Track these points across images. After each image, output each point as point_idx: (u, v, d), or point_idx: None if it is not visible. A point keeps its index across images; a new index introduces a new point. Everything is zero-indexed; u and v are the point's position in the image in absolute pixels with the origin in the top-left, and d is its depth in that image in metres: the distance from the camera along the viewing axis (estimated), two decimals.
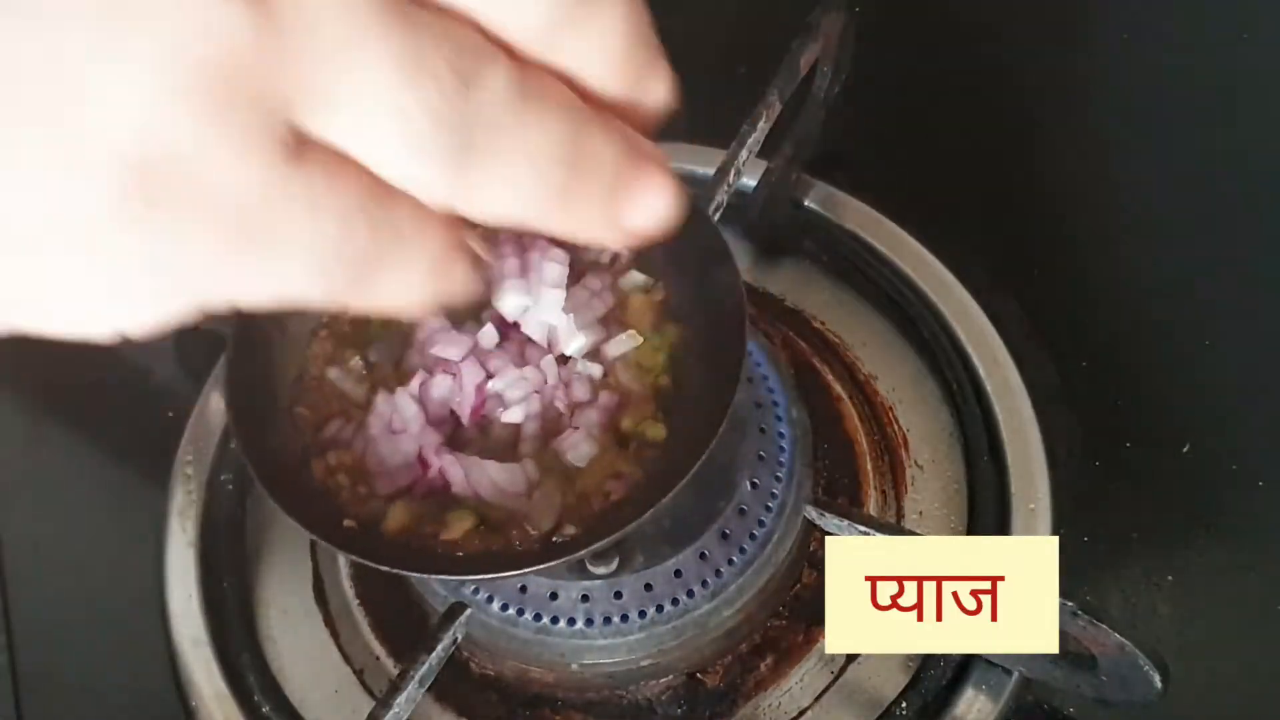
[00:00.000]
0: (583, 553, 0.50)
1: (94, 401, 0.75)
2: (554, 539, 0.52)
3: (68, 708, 0.64)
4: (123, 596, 0.66)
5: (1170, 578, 0.63)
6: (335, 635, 0.65)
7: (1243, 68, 0.84)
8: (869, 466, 0.67)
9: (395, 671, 0.59)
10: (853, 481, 0.67)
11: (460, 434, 0.55)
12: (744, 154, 0.66)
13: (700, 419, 0.53)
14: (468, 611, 0.57)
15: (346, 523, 0.53)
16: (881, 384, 0.71)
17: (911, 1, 0.90)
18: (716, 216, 0.64)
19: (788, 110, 0.69)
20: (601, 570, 0.58)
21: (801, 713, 0.60)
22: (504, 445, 0.55)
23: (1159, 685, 0.50)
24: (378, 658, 0.63)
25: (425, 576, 0.53)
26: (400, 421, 0.54)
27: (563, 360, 0.57)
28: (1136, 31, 0.86)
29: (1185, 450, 0.67)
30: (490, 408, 0.55)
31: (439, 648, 0.55)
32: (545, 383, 0.56)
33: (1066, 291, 0.74)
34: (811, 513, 0.58)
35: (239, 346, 0.54)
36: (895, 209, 0.75)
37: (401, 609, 0.64)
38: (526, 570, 0.51)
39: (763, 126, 0.66)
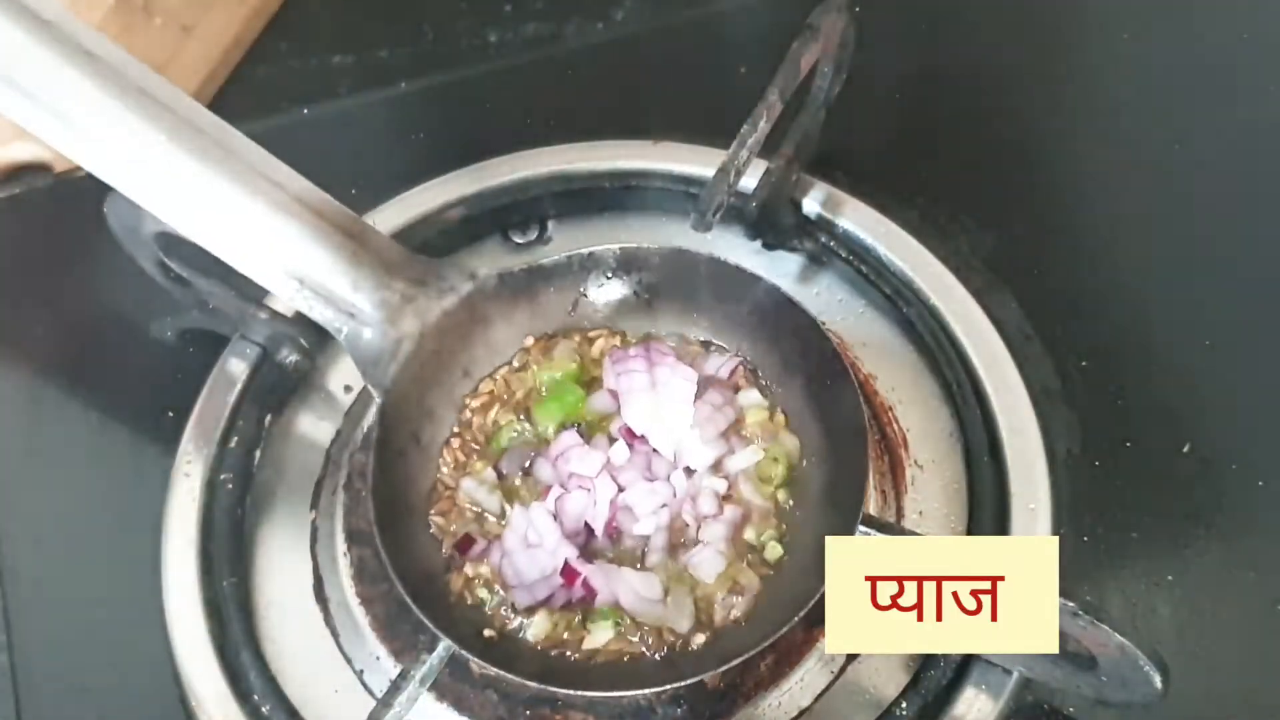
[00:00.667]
0: (714, 672, 0.54)
1: (94, 402, 0.75)
2: (687, 647, 0.55)
3: (68, 708, 0.64)
4: (123, 596, 0.66)
5: (1170, 578, 0.63)
6: (335, 635, 0.65)
7: (1242, 68, 0.84)
8: (869, 466, 0.67)
9: (395, 671, 0.59)
10: None
11: (590, 546, 0.58)
12: (744, 154, 0.66)
13: (817, 538, 0.56)
14: None
15: (487, 633, 0.56)
16: (881, 384, 0.71)
17: (911, 1, 0.90)
18: (717, 217, 0.64)
19: (788, 110, 0.69)
20: None
21: (801, 713, 0.60)
22: (633, 556, 0.58)
23: (1159, 685, 0.50)
24: (378, 658, 0.63)
25: (569, 693, 0.56)
26: (536, 536, 0.57)
27: (688, 473, 0.59)
28: (1136, 31, 0.86)
29: (1185, 450, 0.67)
30: (621, 520, 0.58)
31: (439, 647, 0.55)
32: (674, 495, 0.58)
33: (1066, 291, 0.74)
34: None
35: (380, 457, 0.56)
36: (895, 209, 0.75)
37: (402, 609, 0.64)
38: (668, 687, 0.54)
39: (763, 126, 0.66)
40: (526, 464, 0.60)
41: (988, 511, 0.64)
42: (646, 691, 0.54)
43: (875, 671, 0.61)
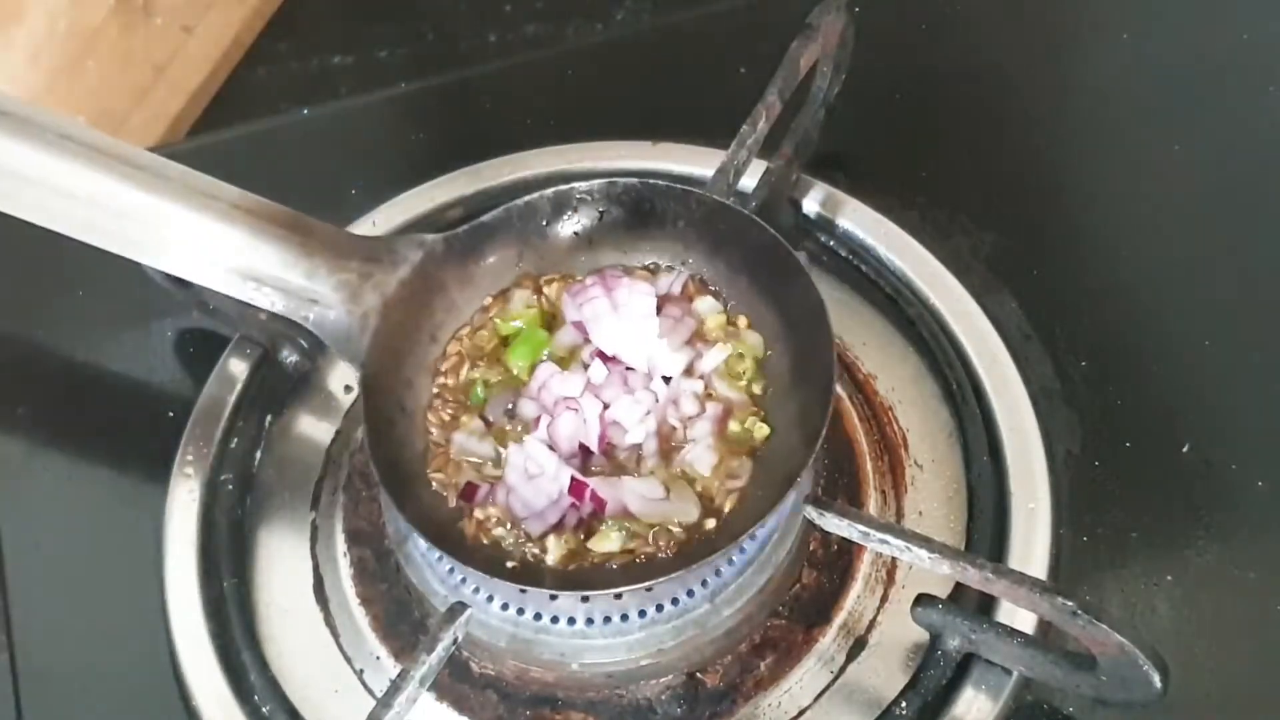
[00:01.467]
0: (727, 548, 0.55)
1: (94, 401, 0.75)
2: (697, 538, 0.57)
3: (68, 708, 0.64)
4: (123, 596, 0.66)
5: (1170, 578, 0.63)
6: (335, 635, 0.65)
7: (1242, 68, 0.84)
8: (869, 466, 0.67)
9: (395, 671, 0.59)
10: (853, 481, 0.67)
11: (587, 464, 0.59)
12: (744, 154, 0.66)
13: (798, 412, 0.59)
14: (468, 611, 0.57)
15: (509, 564, 0.57)
16: (881, 384, 0.71)
17: (911, 1, 0.90)
18: None
19: (788, 110, 0.69)
20: None
21: (801, 713, 0.60)
22: (629, 467, 0.60)
23: (1159, 685, 0.50)
24: (378, 658, 0.63)
25: (591, 593, 0.58)
26: (536, 466, 0.59)
27: (665, 381, 0.61)
28: (1136, 31, 0.86)
29: (1185, 450, 0.67)
30: (612, 435, 0.60)
31: (439, 648, 0.55)
32: (656, 401, 0.60)
33: (1066, 291, 0.74)
34: (811, 513, 0.58)
35: (372, 428, 0.58)
36: (895, 209, 0.75)
37: (402, 609, 0.64)
38: (690, 569, 0.55)
39: (763, 126, 0.66)
40: (510, 406, 0.62)
41: (987, 511, 0.64)
42: (668, 579, 0.55)
43: (875, 671, 0.61)
